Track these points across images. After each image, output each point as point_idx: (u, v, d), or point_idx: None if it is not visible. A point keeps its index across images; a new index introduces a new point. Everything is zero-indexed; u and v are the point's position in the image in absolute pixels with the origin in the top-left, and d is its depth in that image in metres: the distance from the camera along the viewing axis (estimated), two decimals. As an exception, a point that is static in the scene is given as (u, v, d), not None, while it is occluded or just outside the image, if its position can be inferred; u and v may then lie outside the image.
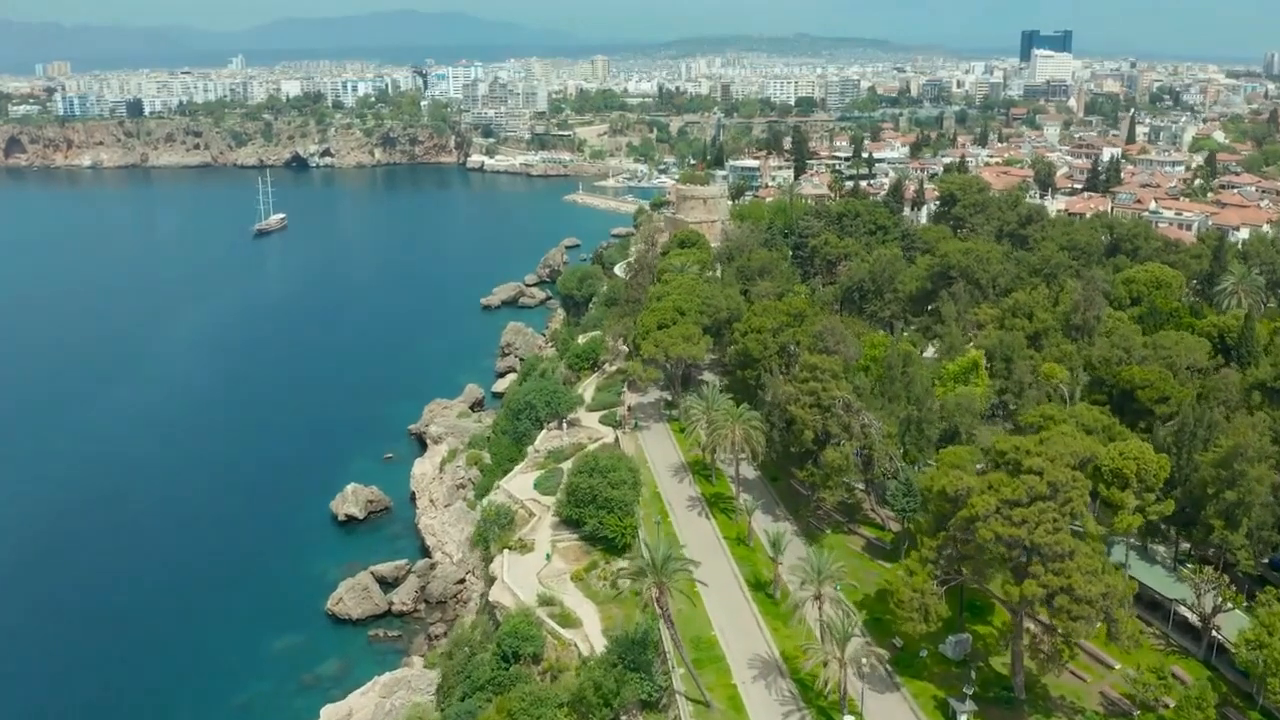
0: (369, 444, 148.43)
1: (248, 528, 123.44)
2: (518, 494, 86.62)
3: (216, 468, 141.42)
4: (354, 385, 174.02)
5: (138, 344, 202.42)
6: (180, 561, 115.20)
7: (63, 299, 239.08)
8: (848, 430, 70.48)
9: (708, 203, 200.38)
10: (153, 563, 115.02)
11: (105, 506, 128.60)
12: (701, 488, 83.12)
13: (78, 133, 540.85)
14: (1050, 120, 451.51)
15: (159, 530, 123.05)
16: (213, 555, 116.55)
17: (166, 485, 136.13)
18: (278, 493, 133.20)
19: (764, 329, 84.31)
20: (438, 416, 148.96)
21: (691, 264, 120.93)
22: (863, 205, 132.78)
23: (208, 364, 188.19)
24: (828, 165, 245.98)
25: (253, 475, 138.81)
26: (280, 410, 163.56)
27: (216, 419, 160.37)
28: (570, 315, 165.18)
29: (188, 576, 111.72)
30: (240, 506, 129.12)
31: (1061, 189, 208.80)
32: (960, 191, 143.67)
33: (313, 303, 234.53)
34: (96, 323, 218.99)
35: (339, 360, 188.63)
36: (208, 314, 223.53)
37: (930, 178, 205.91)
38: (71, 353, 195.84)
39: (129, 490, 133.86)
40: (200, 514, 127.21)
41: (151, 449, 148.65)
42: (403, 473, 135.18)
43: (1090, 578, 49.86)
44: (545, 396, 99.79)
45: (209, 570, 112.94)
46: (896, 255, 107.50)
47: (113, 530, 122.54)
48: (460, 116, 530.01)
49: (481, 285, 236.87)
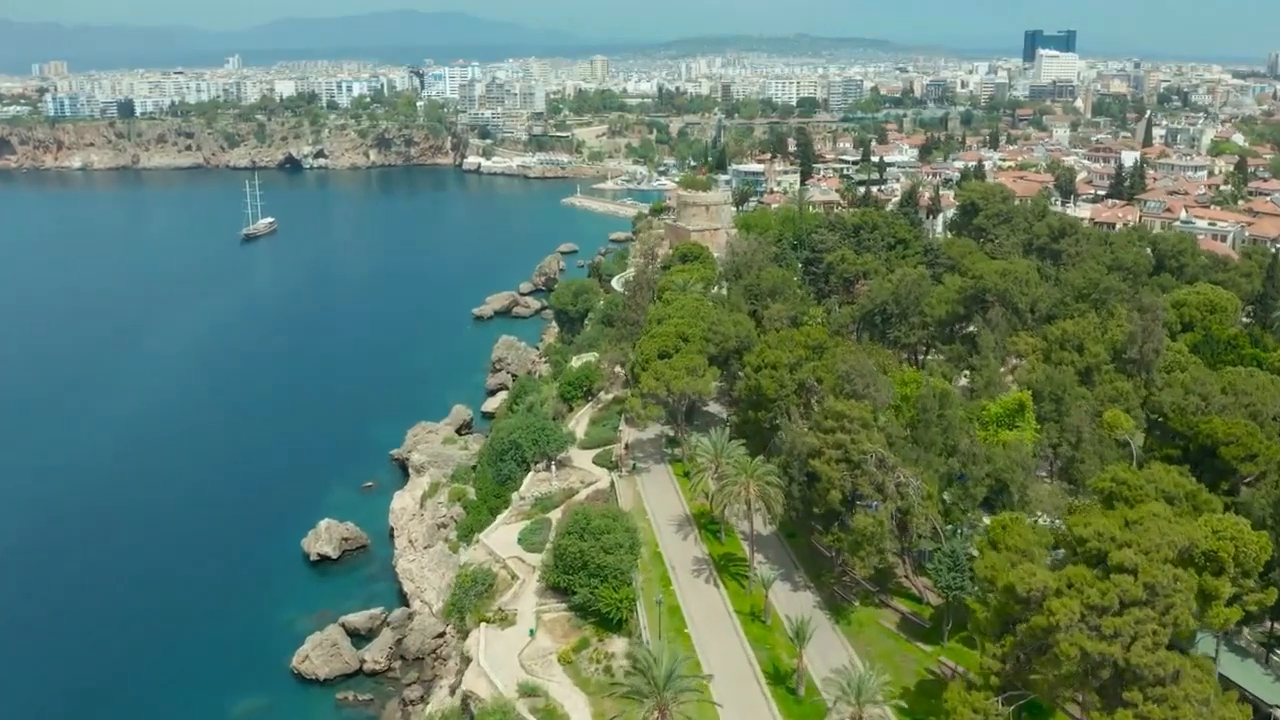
0: (348, 470, 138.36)
1: (211, 567, 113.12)
2: (499, 550, 76.29)
3: (183, 494, 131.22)
4: (336, 404, 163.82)
5: (108, 354, 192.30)
6: (133, 605, 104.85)
7: (26, 308, 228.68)
8: (881, 490, 60.30)
9: (710, 210, 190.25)
10: (103, 605, 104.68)
11: (54, 539, 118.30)
12: (709, 546, 72.71)
13: (68, 134, 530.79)
14: (1057, 121, 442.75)
15: (112, 568, 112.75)
16: (170, 599, 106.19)
17: (125, 513, 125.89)
18: (248, 526, 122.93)
19: (779, 364, 73.86)
20: (422, 442, 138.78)
21: (695, 281, 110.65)
22: (881, 217, 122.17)
23: (181, 378, 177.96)
24: (835, 169, 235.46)
25: (222, 504, 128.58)
26: (256, 430, 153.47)
27: (186, 439, 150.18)
28: (564, 331, 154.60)
29: (140, 623, 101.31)
30: (206, 541, 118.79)
31: (1082, 195, 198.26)
32: (982, 200, 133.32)
33: (297, 313, 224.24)
34: (64, 333, 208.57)
35: (321, 376, 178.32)
36: (185, 324, 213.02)
37: (944, 183, 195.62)
38: (30, 366, 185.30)
39: (81, 520, 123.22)
40: (161, 548, 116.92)
41: (112, 470, 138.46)
42: (382, 504, 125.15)
43: (1201, 710, 39.66)
44: (532, 435, 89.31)
45: (164, 617, 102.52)
46: (922, 275, 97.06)
47: (61, 568, 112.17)
48: (456, 117, 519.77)
49: (474, 293, 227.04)
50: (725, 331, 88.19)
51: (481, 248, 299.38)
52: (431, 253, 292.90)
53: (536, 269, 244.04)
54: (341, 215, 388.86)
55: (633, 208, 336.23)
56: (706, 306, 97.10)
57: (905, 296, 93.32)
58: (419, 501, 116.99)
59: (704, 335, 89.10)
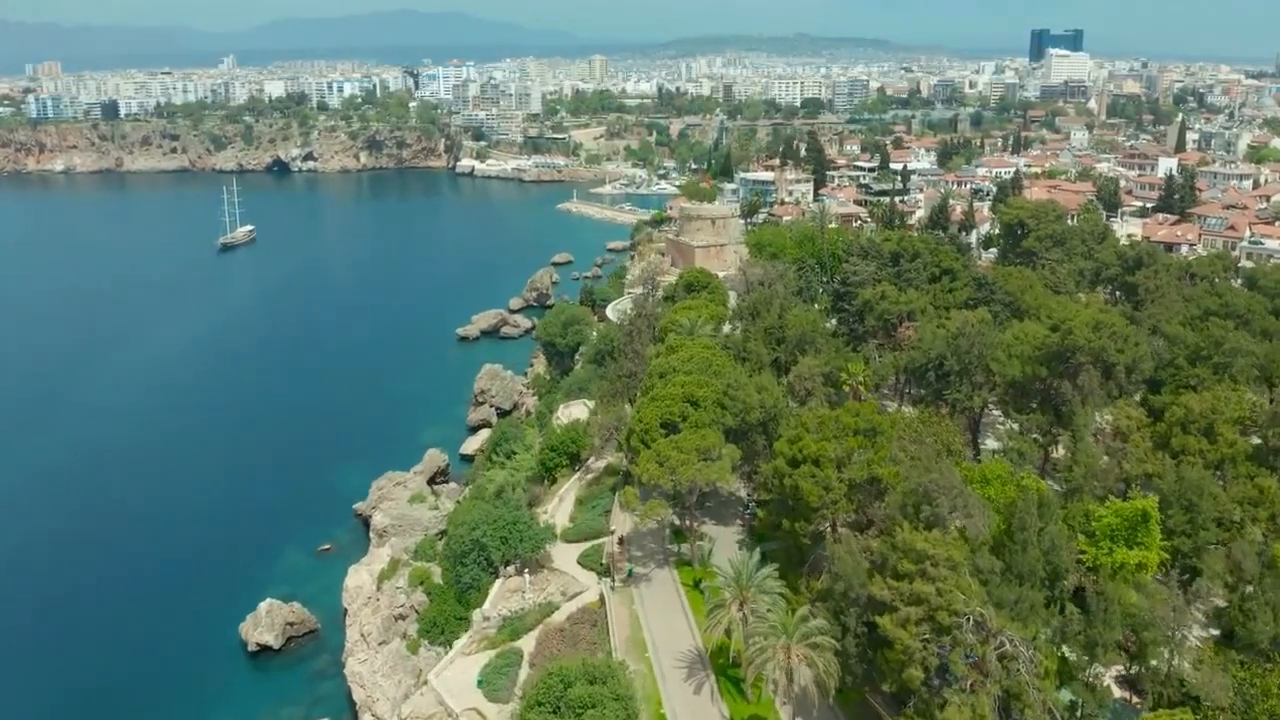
0: (304, 528, 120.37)
1: (130, 661, 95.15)
2: (452, 698, 58.01)
3: (101, 562, 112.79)
4: (297, 444, 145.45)
5: (52, 381, 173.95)
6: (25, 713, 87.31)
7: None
8: (981, 668, 42.35)
9: (716, 223, 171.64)
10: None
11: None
12: (731, 708, 54.29)
13: (51, 136, 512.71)
14: (1071, 123, 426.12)
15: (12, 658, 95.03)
16: (77, 701, 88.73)
17: (40, 580, 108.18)
18: (179, 605, 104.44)
19: (824, 458, 55.50)
20: (387, 498, 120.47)
21: (703, 321, 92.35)
22: (923, 243, 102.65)
23: (129, 411, 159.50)
24: (850, 177, 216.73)
25: (151, 576, 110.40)
26: (203, 476, 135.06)
27: (114, 488, 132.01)
28: (552, 365, 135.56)
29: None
30: (127, 625, 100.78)
31: (1125, 207, 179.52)
32: (1033, 220, 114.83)
33: (267, 333, 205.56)
34: (5, 356, 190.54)
35: (284, 410, 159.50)
36: (139, 347, 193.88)
37: (975, 194, 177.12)
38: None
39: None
40: (68, 633, 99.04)
41: (33, 526, 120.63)
42: (338, 573, 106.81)
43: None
44: (501, 532, 70.78)
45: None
46: (985, 320, 78.40)
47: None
48: (450, 119, 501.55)
49: (461, 309, 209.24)
50: (746, 400, 69.79)
51: (471, 257, 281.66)
52: (418, 263, 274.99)
53: (528, 283, 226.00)
54: (327, 222, 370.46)
55: (631, 214, 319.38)
56: (720, 358, 78.72)
57: (967, 350, 75.00)
58: (376, 579, 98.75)
59: (718, 399, 70.90)
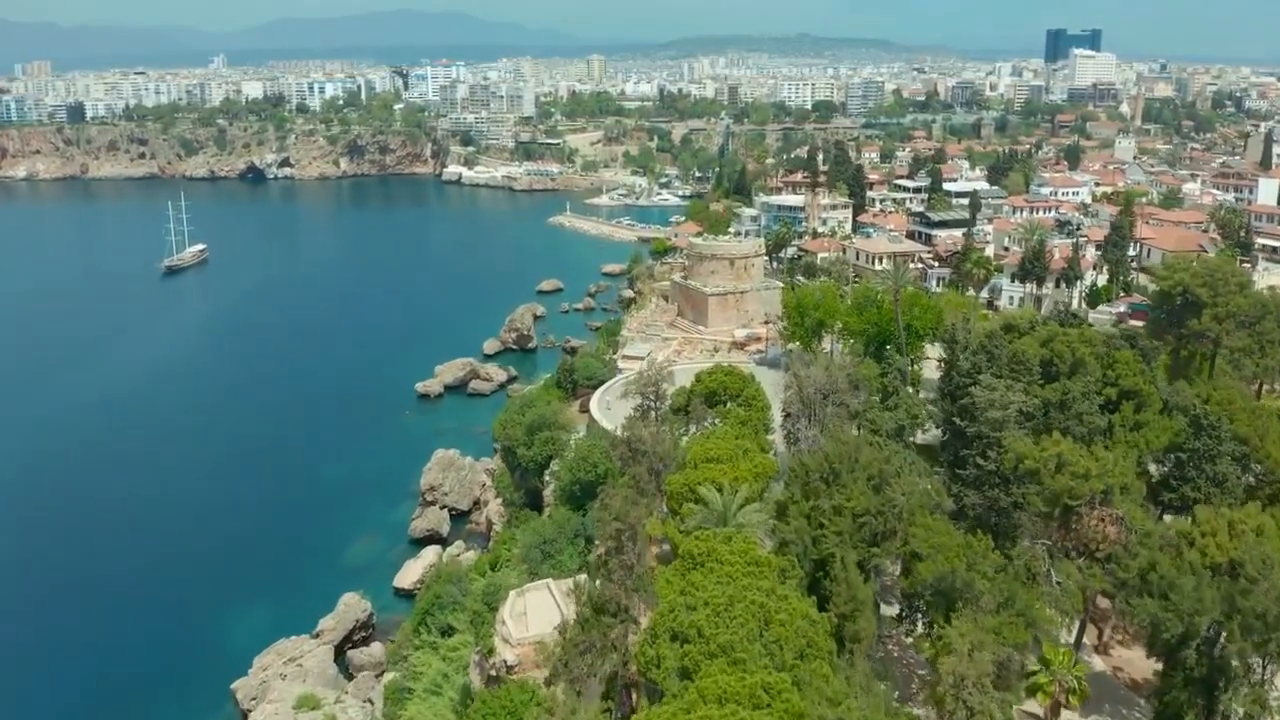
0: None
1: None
2: None
3: None
4: (180, 581, 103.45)
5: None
6: None
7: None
8: None
9: (736, 264, 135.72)
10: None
11: None
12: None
13: (13, 140, 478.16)
14: (1103, 128, 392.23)
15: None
16: None
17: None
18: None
19: None
20: (277, 675, 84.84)
21: (741, 484, 54.06)
22: (1086, 346, 63.36)
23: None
24: (895, 201, 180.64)
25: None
26: (36, 637, 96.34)
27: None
28: (514, 480, 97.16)
29: None
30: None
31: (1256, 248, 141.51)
32: (1206, 289, 79.27)
33: (187, 395, 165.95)
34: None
35: (174, 519, 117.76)
36: (20, 412, 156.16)
37: (1061, 228, 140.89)
38: None
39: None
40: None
41: None
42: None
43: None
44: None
45: None
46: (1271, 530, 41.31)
47: None
48: (437, 122, 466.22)
49: (427, 353, 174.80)
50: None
51: (447, 284, 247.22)
52: (385, 292, 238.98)
53: (506, 322, 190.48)
54: (292, 239, 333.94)
55: (630, 230, 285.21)
56: (787, 610, 41.32)
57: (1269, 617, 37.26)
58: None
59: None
